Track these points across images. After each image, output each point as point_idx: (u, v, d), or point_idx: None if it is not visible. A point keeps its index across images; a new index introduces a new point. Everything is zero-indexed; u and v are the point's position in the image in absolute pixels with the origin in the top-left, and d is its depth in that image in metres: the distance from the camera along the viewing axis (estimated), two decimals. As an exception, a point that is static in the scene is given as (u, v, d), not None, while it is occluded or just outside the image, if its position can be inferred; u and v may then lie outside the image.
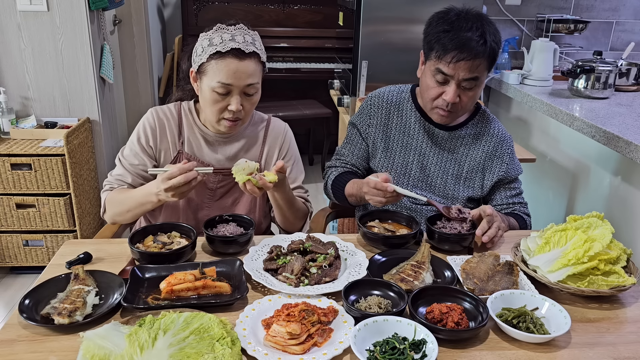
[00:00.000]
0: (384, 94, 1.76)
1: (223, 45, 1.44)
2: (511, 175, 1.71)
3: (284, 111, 3.97)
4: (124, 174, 1.58)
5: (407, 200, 1.71)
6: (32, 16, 2.62)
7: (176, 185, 1.34)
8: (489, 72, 1.56)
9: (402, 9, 2.73)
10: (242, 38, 1.46)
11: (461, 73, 1.50)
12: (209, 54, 1.45)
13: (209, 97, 1.48)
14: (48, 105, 2.79)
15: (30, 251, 2.71)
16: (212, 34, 1.47)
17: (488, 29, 1.51)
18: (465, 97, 1.56)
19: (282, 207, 1.56)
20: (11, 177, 2.54)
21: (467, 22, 1.50)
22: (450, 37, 1.49)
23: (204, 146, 1.62)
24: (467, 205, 1.71)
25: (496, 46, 1.53)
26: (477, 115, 1.72)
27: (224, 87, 1.45)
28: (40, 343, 1.05)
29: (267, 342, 1.04)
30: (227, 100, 1.48)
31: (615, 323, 1.16)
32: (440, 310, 1.09)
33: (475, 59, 1.49)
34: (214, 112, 1.50)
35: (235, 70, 1.44)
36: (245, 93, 1.49)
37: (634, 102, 2.69)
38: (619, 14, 3.48)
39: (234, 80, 1.45)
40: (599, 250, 1.22)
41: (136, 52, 3.91)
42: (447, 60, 1.50)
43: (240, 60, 1.45)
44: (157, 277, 1.23)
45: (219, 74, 1.45)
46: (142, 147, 1.58)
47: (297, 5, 4.25)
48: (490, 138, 1.70)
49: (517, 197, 1.74)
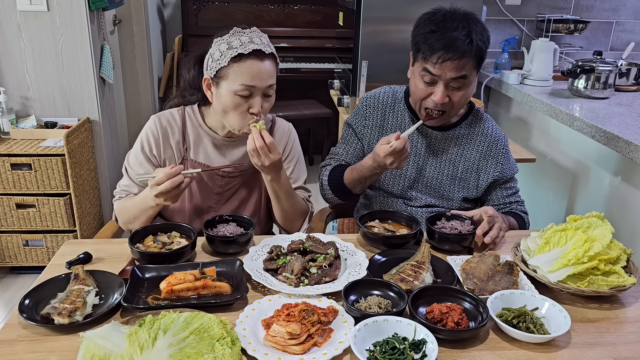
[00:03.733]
0: (379, 95, 1.76)
1: (244, 47, 1.42)
2: (507, 175, 1.71)
3: (284, 111, 3.97)
4: (130, 184, 1.59)
5: (403, 202, 1.71)
6: (32, 16, 2.62)
7: (164, 191, 1.36)
8: (477, 71, 1.56)
9: (402, 9, 2.73)
10: (259, 40, 1.45)
11: (448, 73, 1.50)
12: (230, 57, 1.43)
13: (231, 101, 1.46)
14: (48, 105, 2.79)
15: (30, 251, 2.71)
16: (229, 37, 1.45)
17: (474, 27, 1.50)
18: (455, 97, 1.55)
19: (280, 199, 1.56)
20: (11, 177, 2.54)
21: (452, 22, 1.50)
22: (437, 37, 1.49)
23: (211, 151, 1.60)
24: (462, 205, 1.71)
25: (483, 45, 1.52)
26: (471, 115, 1.72)
27: (247, 89, 1.44)
28: (40, 343, 1.05)
29: (267, 342, 1.04)
30: (249, 103, 1.46)
31: (615, 323, 1.16)
32: (440, 310, 1.09)
33: (461, 59, 1.48)
34: (237, 117, 1.48)
35: (258, 72, 1.44)
36: (265, 94, 1.48)
37: (634, 102, 2.69)
38: (619, 14, 3.48)
39: (257, 81, 1.44)
40: (599, 250, 1.22)
41: (136, 52, 3.91)
42: (433, 60, 1.50)
43: (262, 61, 1.44)
44: (157, 277, 1.23)
45: (242, 76, 1.43)
46: (146, 156, 1.58)
47: (297, 5, 4.25)
48: (484, 138, 1.70)
49: (514, 196, 1.74)
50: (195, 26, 4.14)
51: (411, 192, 1.71)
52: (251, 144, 1.41)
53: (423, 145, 1.70)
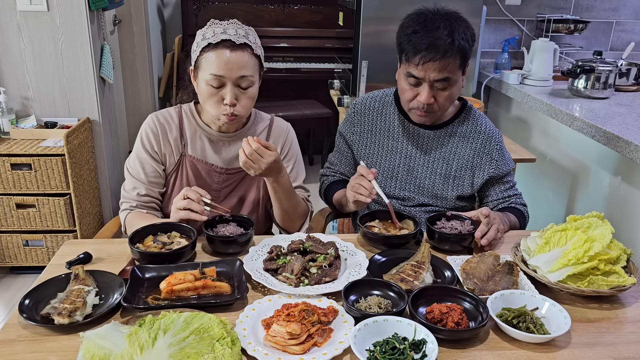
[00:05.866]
0: (366, 100, 1.77)
1: (214, 37, 1.46)
2: (502, 172, 1.71)
3: (284, 111, 3.97)
4: (137, 185, 1.58)
5: (398, 202, 1.72)
6: (32, 16, 2.62)
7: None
8: (463, 70, 1.55)
9: (402, 9, 2.69)
10: (234, 31, 1.48)
11: (431, 74, 1.50)
12: (202, 47, 1.47)
13: (205, 91, 1.49)
14: (48, 105, 2.79)
15: (30, 251, 2.71)
16: (205, 29, 1.51)
17: (457, 27, 1.50)
18: (441, 97, 1.56)
19: (281, 199, 1.56)
20: (11, 177, 2.54)
21: (434, 22, 1.49)
22: (419, 38, 1.49)
23: (207, 147, 1.62)
24: (457, 203, 1.70)
25: (467, 44, 1.51)
26: (464, 113, 1.71)
27: (216, 78, 1.46)
28: (40, 343, 1.05)
29: (267, 342, 1.04)
30: (222, 94, 1.48)
31: (615, 323, 1.16)
32: (440, 310, 1.09)
33: (443, 59, 1.48)
34: (212, 107, 1.51)
35: (227, 61, 1.45)
36: (239, 86, 1.49)
37: (634, 102, 2.69)
38: (619, 14, 3.48)
39: (225, 71, 1.45)
40: (599, 250, 1.22)
41: (136, 52, 3.91)
42: (415, 62, 1.50)
43: (232, 51, 1.46)
44: (157, 277, 1.23)
45: (211, 66, 1.46)
46: (149, 154, 1.59)
47: (297, 5, 4.25)
48: (478, 135, 1.70)
49: (511, 190, 1.74)
50: (195, 26, 4.13)
51: (404, 193, 1.71)
52: (242, 157, 1.42)
53: (414, 145, 1.70)
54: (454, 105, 1.72)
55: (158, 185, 1.60)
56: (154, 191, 1.59)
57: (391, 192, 1.72)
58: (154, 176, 1.59)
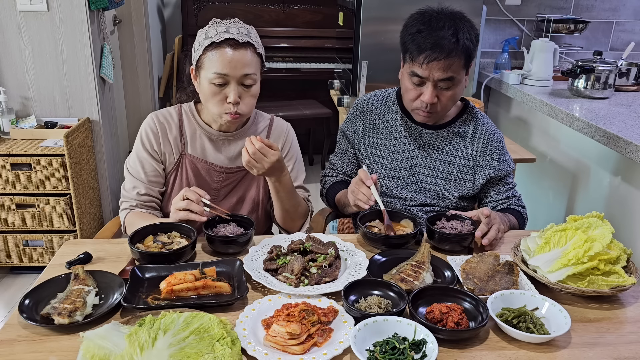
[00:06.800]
0: (369, 100, 1.76)
1: (218, 36, 1.46)
2: (503, 172, 1.71)
3: (284, 111, 3.97)
4: (137, 185, 1.58)
5: (399, 202, 1.72)
6: (32, 16, 2.62)
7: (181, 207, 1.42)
8: (466, 70, 1.55)
9: (402, 9, 2.73)
10: (236, 30, 1.48)
11: (435, 74, 1.50)
12: (204, 46, 1.47)
13: (208, 90, 1.49)
14: (48, 105, 2.79)
15: (30, 251, 2.71)
16: (207, 28, 1.51)
17: (461, 27, 1.50)
18: (444, 97, 1.55)
19: (283, 199, 1.57)
20: (11, 177, 2.54)
21: (439, 22, 1.49)
22: (423, 37, 1.49)
23: (207, 146, 1.62)
24: (458, 204, 1.71)
25: (471, 44, 1.51)
26: (465, 113, 1.71)
27: (220, 77, 1.46)
28: (40, 343, 1.05)
29: (267, 342, 1.04)
30: (225, 92, 1.49)
31: (615, 323, 1.16)
32: (440, 310, 1.09)
33: (447, 58, 1.48)
34: (215, 105, 1.51)
35: (231, 60, 1.45)
36: (243, 84, 1.49)
37: (634, 102, 2.69)
38: (619, 14, 3.48)
39: (229, 69, 1.46)
40: (599, 250, 1.22)
41: (136, 52, 3.91)
42: (419, 61, 1.50)
43: (235, 49, 1.46)
44: (157, 277, 1.23)
45: (215, 65, 1.46)
46: (149, 153, 1.59)
47: (297, 5, 4.25)
48: (480, 135, 1.70)
49: (511, 191, 1.74)
50: (195, 26, 4.13)
51: (405, 192, 1.71)
52: (245, 156, 1.42)
53: (416, 145, 1.70)
54: (456, 105, 1.72)
55: (158, 184, 1.60)
56: (153, 190, 1.59)
57: (393, 191, 1.72)
58: (154, 175, 1.59)
